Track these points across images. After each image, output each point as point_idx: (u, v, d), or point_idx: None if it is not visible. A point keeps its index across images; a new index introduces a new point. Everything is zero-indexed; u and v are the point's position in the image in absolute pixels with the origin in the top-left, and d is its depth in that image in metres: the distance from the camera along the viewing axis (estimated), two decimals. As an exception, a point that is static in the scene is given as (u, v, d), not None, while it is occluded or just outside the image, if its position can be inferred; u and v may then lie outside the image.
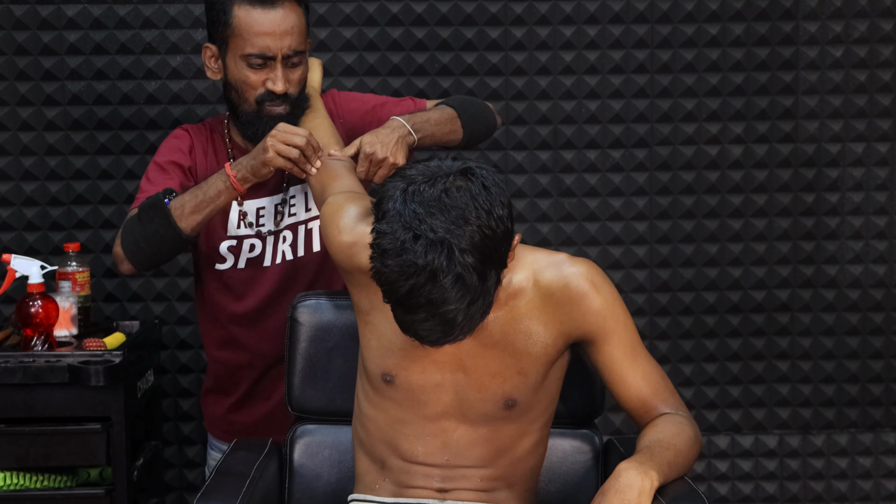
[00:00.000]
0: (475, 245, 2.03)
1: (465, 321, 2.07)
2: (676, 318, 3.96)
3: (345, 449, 2.67)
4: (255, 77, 2.84)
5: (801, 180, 3.93)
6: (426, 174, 2.10)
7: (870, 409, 4.00)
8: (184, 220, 2.74)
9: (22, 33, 3.74)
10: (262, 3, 2.80)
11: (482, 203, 2.06)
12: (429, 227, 2.01)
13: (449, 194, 2.05)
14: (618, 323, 2.30)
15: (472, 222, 2.03)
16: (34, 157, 3.78)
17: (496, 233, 2.07)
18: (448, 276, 2.00)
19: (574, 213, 3.91)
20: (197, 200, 2.74)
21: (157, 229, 2.75)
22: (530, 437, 2.39)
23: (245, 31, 2.81)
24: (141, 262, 2.84)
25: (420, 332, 2.09)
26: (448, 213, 2.03)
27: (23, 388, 3.05)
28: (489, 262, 2.06)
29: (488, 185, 2.09)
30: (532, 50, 3.85)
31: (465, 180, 2.09)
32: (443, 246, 2.00)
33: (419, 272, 2.00)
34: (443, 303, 2.02)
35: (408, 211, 2.04)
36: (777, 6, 3.87)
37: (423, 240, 2.00)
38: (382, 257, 2.04)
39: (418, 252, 2.00)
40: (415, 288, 2.01)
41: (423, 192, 2.05)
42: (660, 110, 3.90)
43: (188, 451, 3.92)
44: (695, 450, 2.29)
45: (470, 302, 2.04)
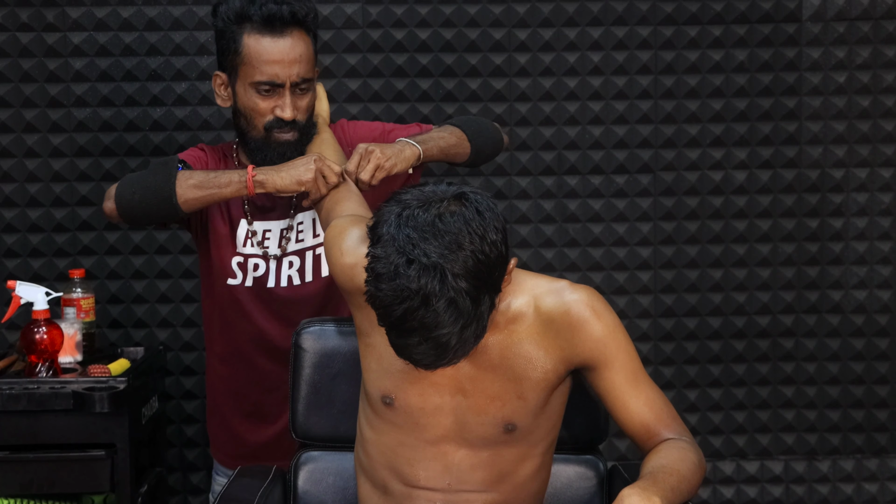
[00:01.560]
0: (468, 270, 2.04)
1: (459, 345, 2.08)
2: (681, 344, 3.96)
3: (349, 476, 2.67)
4: (264, 104, 2.87)
5: (804, 206, 3.94)
6: (420, 199, 2.11)
7: (875, 434, 4.00)
8: (182, 187, 2.76)
9: (28, 60, 3.76)
10: (271, 32, 2.83)
11: (475, 228, 2.07)
12: (422, 252, 2.02)
13: (443, 219, 2.06)
14: (619, 349, 2.30)
15: (466, 247, 2.04)
16: (40, 183, 3.80)
17: (489, 257, 2.07)
18: (441, 301, 2.01)
19: (578, 238, 3.92)
20: (205, 178, 2.78)
21: (156, 182, 2.78)
22: (532, 461, 2.38)
23: (254, 59, 2.84)
24: (124, 209, 2.83)
25: (414, 355, 2.10)
26: (441, 237, 2.04)
27: (27, 415, 3.05)
28: (483, 287, 2.07)
29: (482, 209, 2.10)
30: (536, 76, 3.86)
31: (458, 205, 2.10)
32: (436, 270, 2.01)
33: (412, 296, 2.01)
34: (436, 327, 2.03)
35: (401, 235, 2.05)
36: (780, 32, 3.88)
37: (416, 264, 2.01)
38: (376, 281, 2.06)
39: (411, 276, 2.01)
40: (408, 312, 2.02)
41: (416, 217, 2.06)
42: (663, 136, 3.91)
43: (192, 477, 3.92)
44: (699, 475, 2.29)
45: (463, 326, 2.05)
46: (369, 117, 3.83)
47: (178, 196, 2.76)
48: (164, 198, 2.77)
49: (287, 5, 2.83)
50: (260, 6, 2.83)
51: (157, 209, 2.81)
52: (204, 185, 2.77)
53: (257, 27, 2.83)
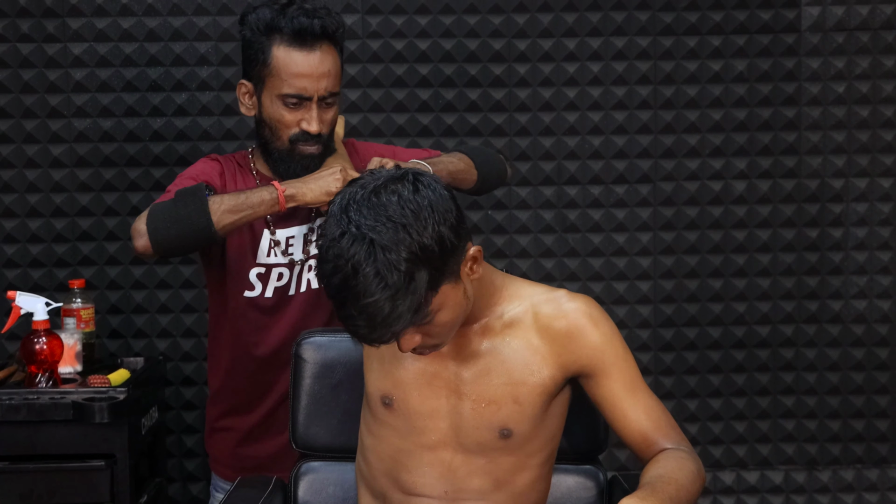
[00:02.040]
0: (398, 243, 2.06)
1: (393, 318, 2.08)
2: (681, 354, 3.96)
3: (349, 486, 2.66)
4: (291, 116, 2.87)
5: (804, 215, 3.94)
6: (368, 179, 2.15)
7: (876, 444, 3.99)
8: (218, 215, 2.72)
9: (28, 71, 3.77)
10: (301, 45, 2.83)
11: (409, 204, 2.09)
12: (355, 224, 2.06)
13: (378, 195, 2.10)
14: (617, 357, 2.31)
15: (396, 220, 2.06)
16: (40, 193, 3.80)
17: (422, 235, 2.08)
18: (368, 269, 2.04)
19: (578, 248, 3.92)
20: (237, 201, 2.75)
21: (189, 215, 2.73)
22: (530, 472, 2.38)
23: (283, 72, 2.84)
24: (160, 244, 2.77)
25: (352, 328, 2.13)
26: (375, 210, 2.07)
27: (27, 425, 3.05)
28: (416, 262, 2.07)
29: (420, 188, 2.13)
30: (536, 86, 3.87)
31: (397, 183, 2.12)
32: (364, 241, 2.04)
33: (344, 266, 2.05)
34: (364, 295, 2.05)
35: (340, 211, 2.10)
36: (779, 43, 3.89)
37: (347, 235, 2.06)
38: (319, 256, 2.11)
39: (343, 247, 2.05)
40: (342, 282, 2.06)
41: (356, 194, 2.11)
42: (663, 146, 3.91)
43: (192, 487, 3.91)
44: (698, 484, 2.28)
45: (393, 297, 2.06)
46: (369, 127, 3.83)
47: (215, 223, 2.72)
48: (202, 228, 2.73)
49: (318, 19, 2.83)
50: (291, 19, 2.83)
51: (194, 240, 2.77)
52: (237, 209, 2.74)
53: (287, 39, 2.83)
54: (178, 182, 2.92)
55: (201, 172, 2.95)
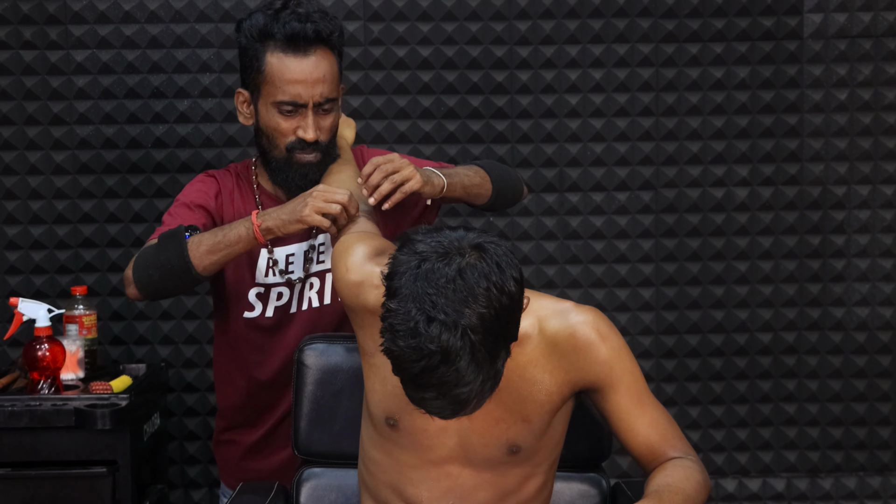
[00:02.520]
0: (488, 327, 1.99)
1: (477, 399, 2.05)
2: (683, 361, 3.95)
3: (351, 492, 2.66)
4: (286, 124, 2.81)
5: (806, 223, 3.94)
6: (438, 250, 2.04)
7: (878, 452, 3.99)
8: (197, 258, 2.69)
9: (31, 78, 3.77)
10: (294, 51, 2.78)
11: (495, 282, 2.01)
12: (441, 310, 1.97)
13: (463, 275, 2.00)
14: (624, 371, 2.29)
15: (484, 304, 1.99)
16: (42, 200, 3.80)
17: (508, 310, 2.03)
18: (462, 360, 1.97)
19: (580, 255, 3.92)
20: (215, 240, 2.69)
21: (169, 259, 2.70)
22: (536, 479, 2.38)
23: (277, 79, 2.79)
24: (147, 289, 2.78)
25: (430, 409, 2.06)
26: (460, 293, 1.98)
27: (29, 432, 3.05)
28: (501, 340, 2.03)
29: (501, 263, 2.04)
30: (537, 93, 3.87)
31: (478, 258, 2.03)
32: (456, 329, 1.96)
33: (432, 355, 1.96)
34: (456, 385, 1.99)
35: (420, 290, 1.99)
36: (782, 50, 3.89)
37: (436, 323, 1.96)
38: (394, 337, 2.00)
39: (432, 335, 1.96)
40: (426, 369, 1.98)
41: (435, 271, 2.00)
42: (665, 153, 3.91)
43: (194, 494, 3.91)
44: (703, 494, 2.28)
45: (482, 382, 2.02)
46: (371, 134, 3.83)
47: (196, 266, 2.69)
48: (183, 271, 2.70)
49: (311, 23, 2.77)
50: (283, 24, 2.77)
51: (180, 283, 2.75)
52: (216, 248, 2.69)
53: (280, 45, 2.78)
54: (173, 210, 2.90)
55: (196, 197, 2.91)
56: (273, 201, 2.93)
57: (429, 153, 3.84)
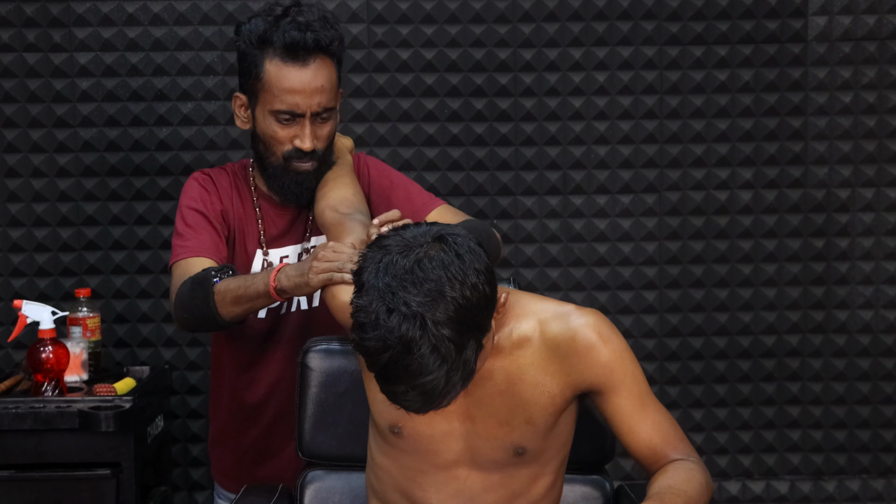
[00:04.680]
0: (450, 316, 2.01)
1: (446, 390, 2.05)
2: (686, 363, 3.95)
3: (355, 495, 2.66)
4: (283, 133, 2.79)
5: (810, 225, 3.94)
6: (400, 244, 2.07)
7: (881, 454, 3.99)
8: (223, 308, 2.67)
9: (34, 81, 3.77)
10: (294, 59, 2.75)
11: (455, 273, 2.03)
12: (402, 301, 1.99)
13: (422, 265, 2.02)
14: (626, 374, 2.29)
15: (447, 293, 2.01)
16: (46, 202, 3.80)
17: (471, 301, 2.04)
18: (423, 349, 1.98)
19: (583, 257, 3.91)
20: (239, 293, 2.66)
21: (199, 307, 2.68)
22: (545, 479, 2.38)
23: (275, 87, 2.76)
24: (188, 328, 2.81)
25: (402, 402, 2.08)
26: (421, 285, 2.01)
27: (33, 434, 3.05)
28: (466, 331, 2.04)
29: (462, 252, 2.06)
30: (541, 96, 3.87)
31: (438, 249, 2.06)
32: (416, 319, 1.98)
33: (394, 345, 1.99)
34: (420, 374, 2.01)
35: (381, 283, 2.02)
36: (786, 52, 3.89)
37: (396, 313, 1.99)
38: (360, 331, 2.03)
39: (392, 326, 1.98)
40: (392, 360, 2.00)
41: (396, 264, 2.03)
42: (669, 155, 3.91)
43: (198, 496, 3.91)
44: (706, 496, 2.28)
45: (448, 371, 2.02)
46: (374, 137, 3.83)
47: (223, 317, 2.68)
48: (212, 320, 2.70)
49: (312, 32, 2.74)
50: (283, 32, 2.74)
51: (212, 327, 2.76)
52: (239, 301, 2.65)
53: (280, 53, 2.75)
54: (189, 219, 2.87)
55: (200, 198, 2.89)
56: (270, 204, 2.93)
57: (432, 156, 3.84)
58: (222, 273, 2.70)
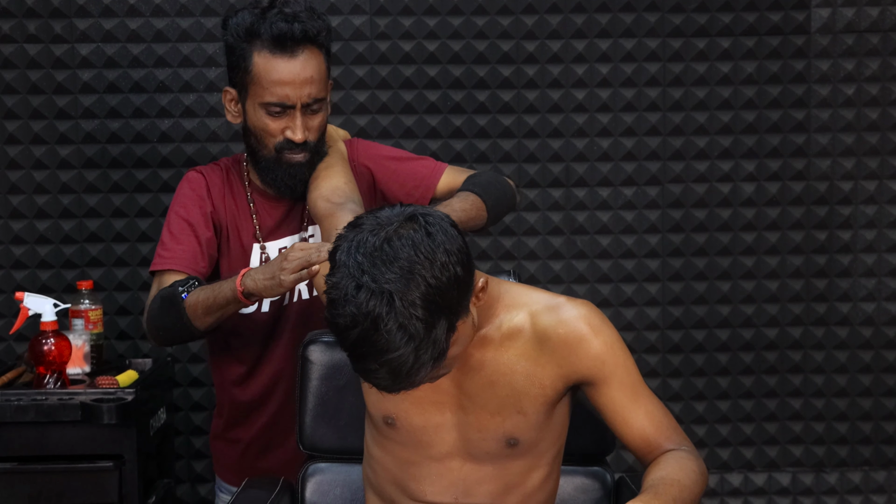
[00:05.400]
0: (419, 294, 2.01)
1: (415, 368, 2.05)
2: (689, 356, 3.95)
3: (356, 487, 2.66)
4: (274, 125, 2.80)
5: (813, 218, 3.93)
6: (373, 223, 2.08)
7: (883, 446, 3.99)
8: (197, 320, 2.71)
9: (36, 72, 3.77)
10: (281, 51, 2.75)
11: (424, 251, 2.03)
12: (371, 278, 2.00)
13: (391, 243, 2.03)
14: (617, 365, 2.29)
15: (416, 272, 2.02)
16: (47, 195, 3.80)
17: (440, 280, 2.04)
18: (390, 324, 1.99)
19: (586, 250, 3.91)
20: (209, 303, 2.69)
21: (173, 322, 2.72)
22: (539, 471, 2.38)
23: (264, 80, 2.76)
24: (164, 344, 2.86)
25: (372, 380, 2.09)
26: (390, 263, 2.01)
27: (35, 426, 3.06)
28: (436, 310, 2.04)
29: (432, 231, 2.07)
30: (544, 87, 3.87)
31: (408, 228, 2.06)
32: (383, 295, 1.99)
33: (363, 321, 2.00)
34: (387, 351, 2.01)
35: (352, 262, 2.03)
36: (789, 44, 3.88)
37: (364, 290, 2.00)
38: (332, 307, 2.05)
39: (360, 302, 1.99)
40: (360, 337, 2.01)
41: (366, 242, 2.04)
42: (672, 148, 3.91)
43: (200, 489, 3.92)
44: (700, 484, 2.28)
45: (416, 349, 2.02)
46: (377, 129, 3.83)
47: (199, 327, 2.72)
48: (188, 333, 2.74)
49: (299, 23, 2.74)
50: (270, 24, 2.74)
51: (188, 338, 2.81)
52: (211, 310, 2.69)
53: (267, 45, 2.75)
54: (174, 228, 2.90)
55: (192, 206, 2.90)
56: (265, 197, 2.94)
57: (435, 147, 3.84)
58: (188, 287, 2.73)
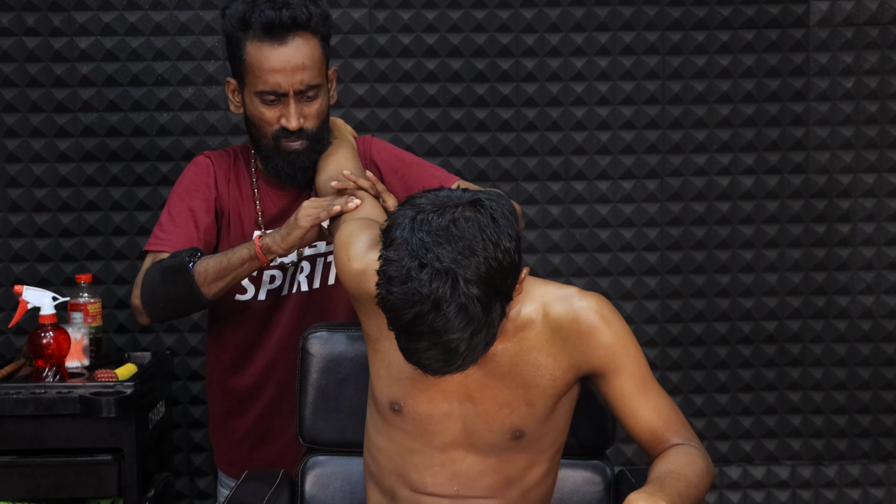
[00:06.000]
0: (480, 276, 2.02)
1: (468, 351, 2.06)
2: (688, 349, 3.95)
3: (356, 480, 2.66)
4: (270, 113, 2.81)
5: (812, 211, 3.93)
6: (435, 203, 2.09)
7: (882, 439, 3.99)
8: (206, 286, 2.72)
9: (34, 65, 3.76)
10: (271, 39, 2.75)
11: (490, 235, 2.04)
12: (435, 257, 2.00)
13: (457, 224, 2.04)
14: (628, 357, 2.29)
15: (479, 253, 2.02)
16: (46, 188, 3.80)
17: (503, 265, 2.05)
18: (451, 306, 1.99)
19: (585, 243, 3.91)
20: (220, 267, 2.72)
21: (179, 292, 2.74)
22: (540, 466, 2.38)
23: (256, 68, 2.77)
24: (160, 318, 2.87)
25: (423, 360, 2.08)
26: (455, 243, 2.02)
27: (34, 420, 3.05)
28: (494, 294, 2.05)
29: (497, 216, 2.08)
30: (543, 81, 3.86)
31: (473, 211, 2.07)
32: (447, 275, 1.99)
33: (423, 300, 1.99)
34: (445, 332, 2.01)
35: (415, 239, 2.03)
36: (788, 37, 3.88)
37: (428, 268, 2.00)
38: (388, 284, 2.04)
39: (423, 280, 1.99)
40: (418, 316, 2.01)
41: (430, 221, 2.04)
42: (671, 141, 3.90)
43: (199, 482, 3.92)
44: (706, 480, 2.28)
45: (473, 332, 2.03)
46: (376, 122, 3.83)
47: (206, 295, 2.74)
48: (194, 301, 2.76)
49: (288, 10, 2.75)
50: (260, 12, 2.75)
51: (190, 310, 2.83)
52: (223, 274, 2.72)
53: (258, 34, 2.76)
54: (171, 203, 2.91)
55: (193, 186, 2.92)
56: (270, 185, 2.95)
57: (434, 141, 3.83)
58: (192, 257, 2.75)
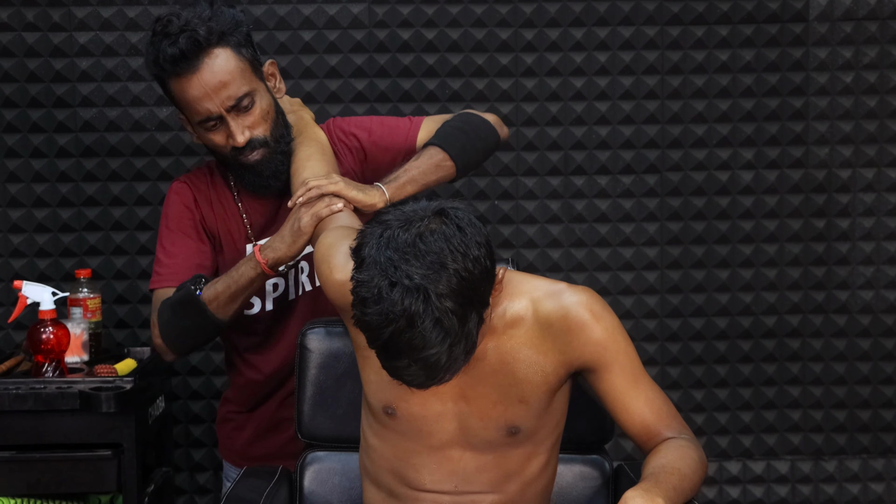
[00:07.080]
0: (452, 289, 2.01)
1: (449, 363, 2.06)
2: (688, 344, 3.95)
3: (354, 476, 2.67)
4: (218, 137, 2.80)
5: (811, 206, 3.93)
6: (401, 218, 2.08)
7: (881, 434, 3.99)
8: (219, 311, 2.73)
9: (34, 60, 3.76)
10: (185, 70, 2.72)
11: (457, 245, 2.04)
12: (404, 274, 1.99)
13: (423, 239, 2.03)
14: (619, 352, 2.29)
15: (449, 266, 2.01)
16: (46, 183, 3.80)
17: (473, 274, 2.05)
18: (426, 322, 1.99)
19: (585, 238, 3.91)
20: (231, 291, 2.71)
21: (194, 322, 2.74)
22: (538, 458, 2.38)
23: (185, 102, 2.76)
24: (184, 351, 2.89)
25: (405, 377, 2.08)
26: (423, 258, 2.01)
27: (34, 415, 3.06)
28: (468, 304, 2.05)
29: (463, 225, 2.07)
30: (542, 76, 3.86)
31: (439, 223, 2.07)
32: (419, 292, 1.98)
33: (397, 319, 1.99)
34: (423, 348, 2.01)
35: (383, 258, 2.02)
36: (787, 32, 3.88)
37: (399, 287, 1.99)
38: (362, 306, 2.04)
39: (395, 300, 1.99)
40: (395, 334, 2.00)
41: (397, 238, 2.03)
42: (670, 136, 3.90)
43: (199, 477, 3.92)
44: (700, 472, 2.29)
45: (451, 345, 2.03)
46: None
47: (222, 319, 2.75)
48: (212, 327, 2.76)
49: (184, 37, 2.70)
50: (163, 52, 2.72)
51: (210, 335, 2.84)
52: (235, 296, 2.73)
53: (172, 70, 2.74)
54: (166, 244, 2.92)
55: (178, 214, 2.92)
56: (252, 196, 2.95)
57: (433, 136, 3.83)
58: (197, 285, 2.74)
